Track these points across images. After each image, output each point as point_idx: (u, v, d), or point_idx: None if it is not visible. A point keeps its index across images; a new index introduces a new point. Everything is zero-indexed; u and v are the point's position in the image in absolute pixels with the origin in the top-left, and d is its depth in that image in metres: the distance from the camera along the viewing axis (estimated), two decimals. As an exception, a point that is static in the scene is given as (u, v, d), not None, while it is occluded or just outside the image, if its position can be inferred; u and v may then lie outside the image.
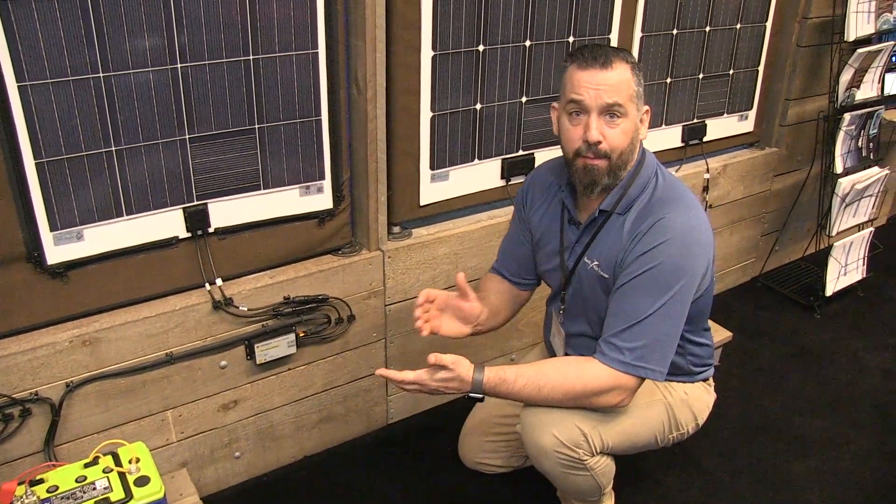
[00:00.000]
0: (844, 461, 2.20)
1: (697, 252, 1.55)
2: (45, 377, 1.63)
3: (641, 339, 1.52)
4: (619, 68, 1.50)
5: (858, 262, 3.08)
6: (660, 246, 1.51)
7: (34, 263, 1.58)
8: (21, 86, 1.44)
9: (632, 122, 1.54)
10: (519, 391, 1.55)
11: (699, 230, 1.55)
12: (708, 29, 2.52)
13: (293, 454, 2.14)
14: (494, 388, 1.54)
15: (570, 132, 1.56)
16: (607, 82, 1.49)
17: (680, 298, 1.53)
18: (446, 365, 1.51)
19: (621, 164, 1.56)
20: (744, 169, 2.89)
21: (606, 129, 1.52)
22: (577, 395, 1.56)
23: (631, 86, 1.52)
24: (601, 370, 1.54)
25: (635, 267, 1.53)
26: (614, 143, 1.53)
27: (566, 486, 1.73)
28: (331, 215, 1.95)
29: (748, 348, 2.76)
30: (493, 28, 2.01)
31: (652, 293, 1.52)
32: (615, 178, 1.57)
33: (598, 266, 1.63)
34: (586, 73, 1.50)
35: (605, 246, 1.61)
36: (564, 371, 1.58)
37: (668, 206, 1.56)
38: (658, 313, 1.51)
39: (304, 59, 1.75)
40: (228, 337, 1.85)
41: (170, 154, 1.66)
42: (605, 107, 1.50)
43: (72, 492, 1.53)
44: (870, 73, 2.83)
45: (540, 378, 1.56)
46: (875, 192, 3.03)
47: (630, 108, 1.52)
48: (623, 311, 1.54)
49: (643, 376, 1.55)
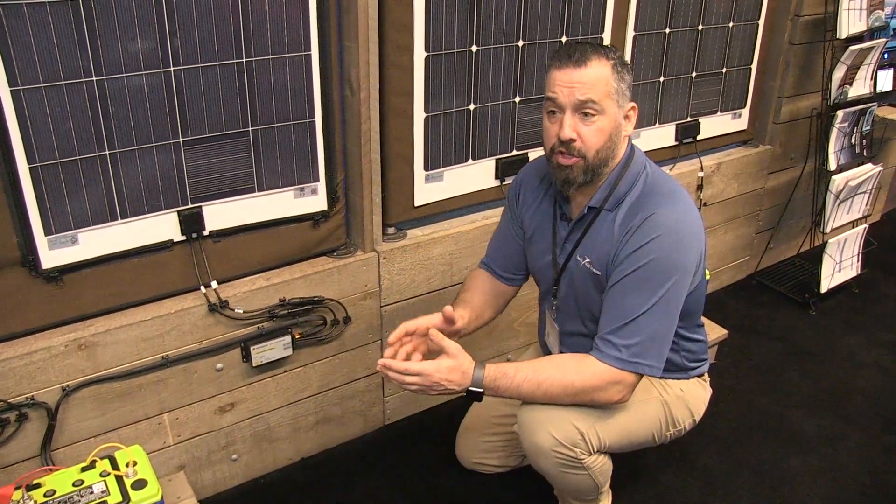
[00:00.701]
0: (841, 457, 2.21)
1: (689, 245, 1.56)
2: (41, 381, 1.63)
3: (637, 336, 1.53)
4: (596, 66, 1.50)
5: (853, 259, 3.09)
6: (651, 242, 1.52)
7: (29, 268, 1.58)
8: (14, 90, 1.44)
9: (609, 120, 1.53)
10: (518, 386, 1.56)
11: (689, 224, 1.56)
12: (700, 27, 2.53)
13: (290, 456, 2.14)
14: (494, 381, 1.55)
15: (548, 130, 1.57)
16: (581, 80, 1.49)
17: (674, 293, 1.54)
18: (448, 351, 1.51)
19: (599, 162, 1.55)
20: (738, 167, 2.89)
21: (581, 126, 1.52)
22: (576, 392, 1.56)
23: (609, 83, 1.51)
24: (599, 367, 1.55)
25: (628, 264, 1.54)
26: (589, 142, 1.53)
27: (564, 486, 1.74)
28: (325, 217, 1.95)
29: (743, 346, 2.76)
30: (485, 28, 2.01)
31: (646, 290, 1.53)
32: (593, 176, 1.57)
33: (589, 263, 1.63)
34: (560, 72, 1.51)
35: (596, 243, 1.62)
36: (563, 367, 1.58)
37: (658, 200, 1.56)
38: (653, 310, 1.52)
39: (297, 61, 1.76)
40: (224, 339, 1.85)
41: (164, 157, 1.66)
42: (577, 104, 1.50)
43: (69, 496, 1.53)
44: (862, 70, 2.84)
45: (539, 374, 1.56)
46: (869, 188, 3.04)
47: (607, 104, 1.51)
48: (618, 309, 1.55)
49: (641, 372, 1.56)
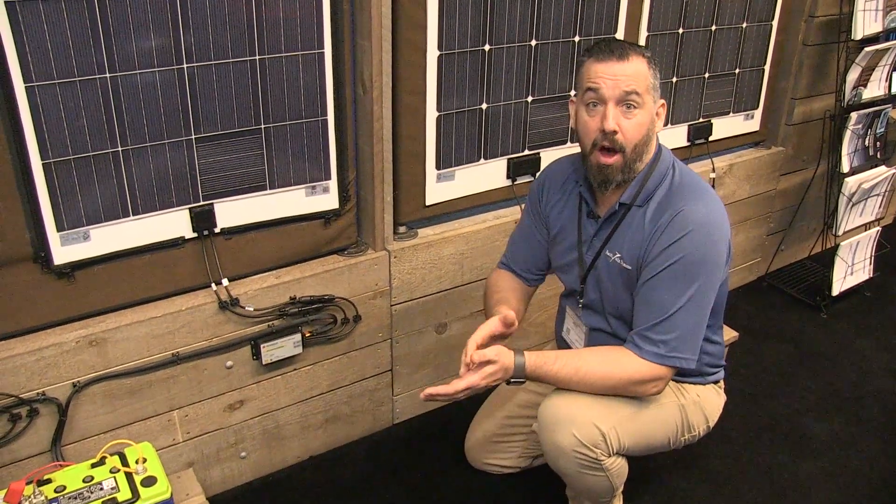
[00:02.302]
0: (852, 462, 2.19)
1: (719, 239, 1.58)
2: (52, 377, 1.63)
3: (674, 332, 1.56)
4: (636, 60, 1.52)
5: (865, 262, 3.06)
6: (683, 238, 1.54)
7: (41, 264, 1.58)
8: (28, 86, 1.44)
9: (648, 114, 1.56)
10: (557, 372, 1.58)
11: (717, 219, 1.58)
12: (714, 28, 2.51)
13: (299, 454, 2.14)
14: (535, 370, 1.57)
15: (588, 123, 1.57)
16: (624, 72, 1.51)
17: (706, 287, 1.58)
18: (490, 359, 1.53)
19: (635, 157, 1.57)
20: (749, 168, 2.88)
21: (623, 119, 1.53)
22: (615, 383, 1.59)
23: (648, 78, 1.54)
24: (639, 363, 1.58)
25: (661, 260, 1.56)
26: (630, 135, 1.54)
27: (580, 486, 1.73)
28: (336, 215, 1.95)
29: (754, 348, 2.75)
30: (498, 28, 2.00)
31: (680, 285, 1.55)
32: (630, 173, 1.59)
33: (620, 258, 1.64)
34: (603, 65, 1.52)
35: (627, 238, 1.63)
36: (603, 357, 1.61)
37: (686, 196, 1.58)
38: (688, 305, 1.55)
39: (310, 59, 1.75)
40: (234, 337, 1.85)
41: (176, 154, 1.66)
42: (622, 95, 1.52)
43: (79, 492, 1.54)
44: (877, 71, 2.82)
45: (579, 360, 1.59)
46: (882, 191, 3.02)
47: (647, 99, 1.54)
48: (653, 305, 1.57)
49: (678, 366, 1.59)
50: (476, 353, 1.53)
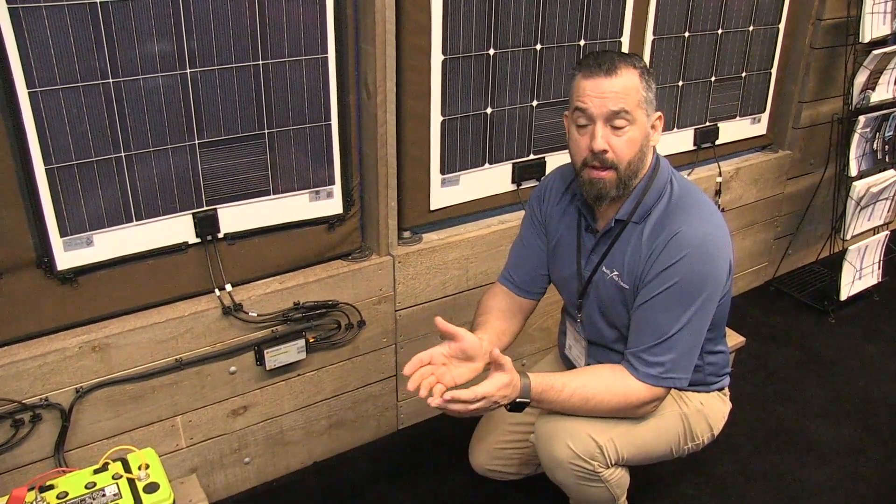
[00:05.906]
0: (860, 468, 2.17)
1: (718, 259, 1.54)
2: (54, 383, 1.63)
3: (671, 353, 1.54)
4: (626, 74, 1.47)
5: (873, 266, 3.04)
6: (680, 261, 1.51)
7: (44, 269, 1.58)
8: (31, 92, 1.44)
9: (640, 130, 1.51)
10: (566, 400, 1.55)
11: (717, 238, 1.54)
12: (720, 31, 2.50)
13: (303, 460, 2.13)
14: (541, 394, 1.52)
15: (577, 142, 1.54)
16: (612, 89, 1.46)
17: (704, 308, 1.55)
18: (504, 365, 1.45)
19: (630, 174, 1.54)
20: (756, 172, 2.86)
21: (613, 137, 1.49)
22: (621, 409, 1.58)
23: (639, 92, 1.49)
24: (637, 385, 1.56)
25: (658, 283, 1.53)
26: (621, 154, 1.50)
27: (580, 497, 1.72)
28: (340, 220, 1.94)
29: (761, 353, 2.73)
30: (503, 32, 1.99)
31: (677, 308, 1.52)
32: (624, 189, 1.55)
33: (617, 276, 1.61)
34: (590, 81, 1.48)
35: (624, 256, 1.60)
36: (608, 384, 1.58)
37: (684, 215, 1.54)
38: (685, 327, 1.53)
39: (314, 63, 1.75)
40: (238, 343, 1.84)
41: (179, 159, 1.66)
42: (610, 114, 1.47)
43: (81, 498, 1.53)
44: (885, 74, 2.80)
45: (587, 390, 1.56)
46: (890, 195, 3.00)
47: (638, 114, 1.49)
48: (649, 327, 1.55)
49: (672, 386, 1.59)
50: (496, 351, 1.45)
